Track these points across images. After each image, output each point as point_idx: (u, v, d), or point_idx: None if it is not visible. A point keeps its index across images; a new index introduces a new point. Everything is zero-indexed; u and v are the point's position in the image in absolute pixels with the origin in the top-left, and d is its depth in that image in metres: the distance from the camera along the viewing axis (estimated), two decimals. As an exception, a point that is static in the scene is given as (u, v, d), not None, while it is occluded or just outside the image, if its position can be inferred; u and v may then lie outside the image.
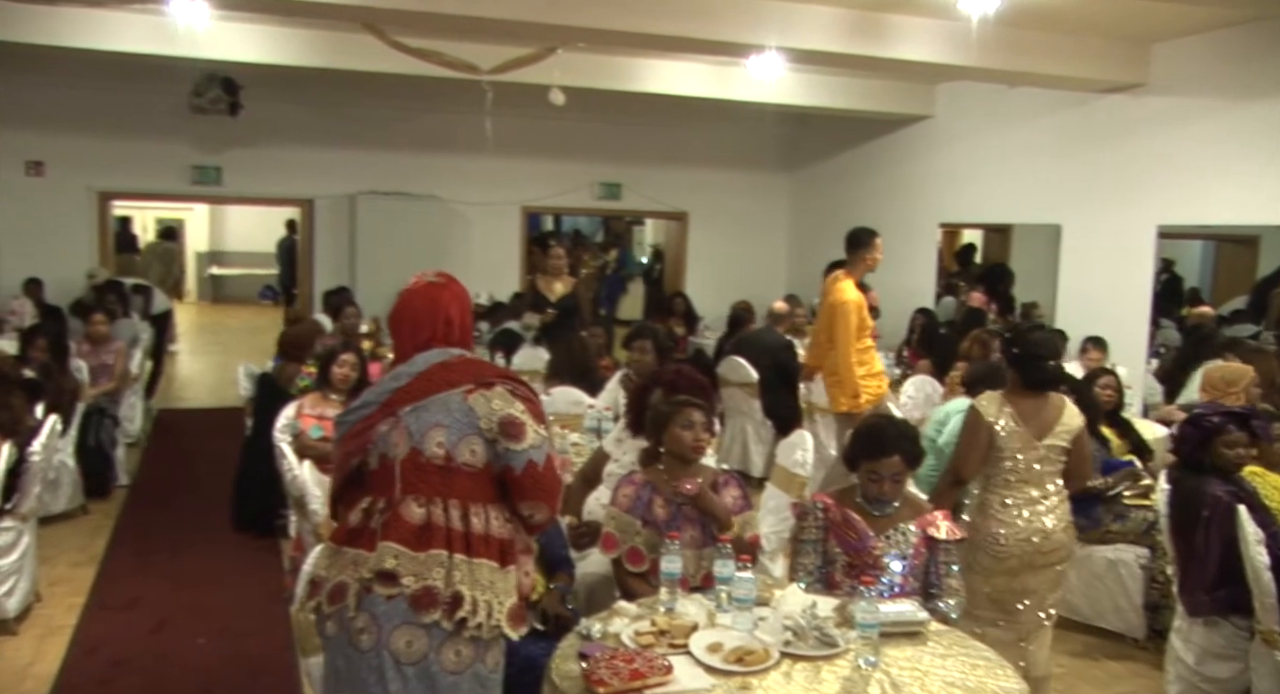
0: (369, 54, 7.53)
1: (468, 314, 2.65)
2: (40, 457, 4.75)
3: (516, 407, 2.45)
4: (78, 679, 4.19)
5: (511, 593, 2.45)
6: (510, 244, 11.44)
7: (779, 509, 4.62)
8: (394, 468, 2.45)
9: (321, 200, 10.73)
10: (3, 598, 4.50)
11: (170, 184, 10.40)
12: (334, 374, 5.26)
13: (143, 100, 9.75)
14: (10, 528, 4.55)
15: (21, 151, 9.71)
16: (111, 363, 7.38)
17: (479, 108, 7.84)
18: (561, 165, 11.31)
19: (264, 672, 4.31)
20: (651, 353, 5.20)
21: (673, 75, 8.90)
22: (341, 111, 10.42)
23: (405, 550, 2.39)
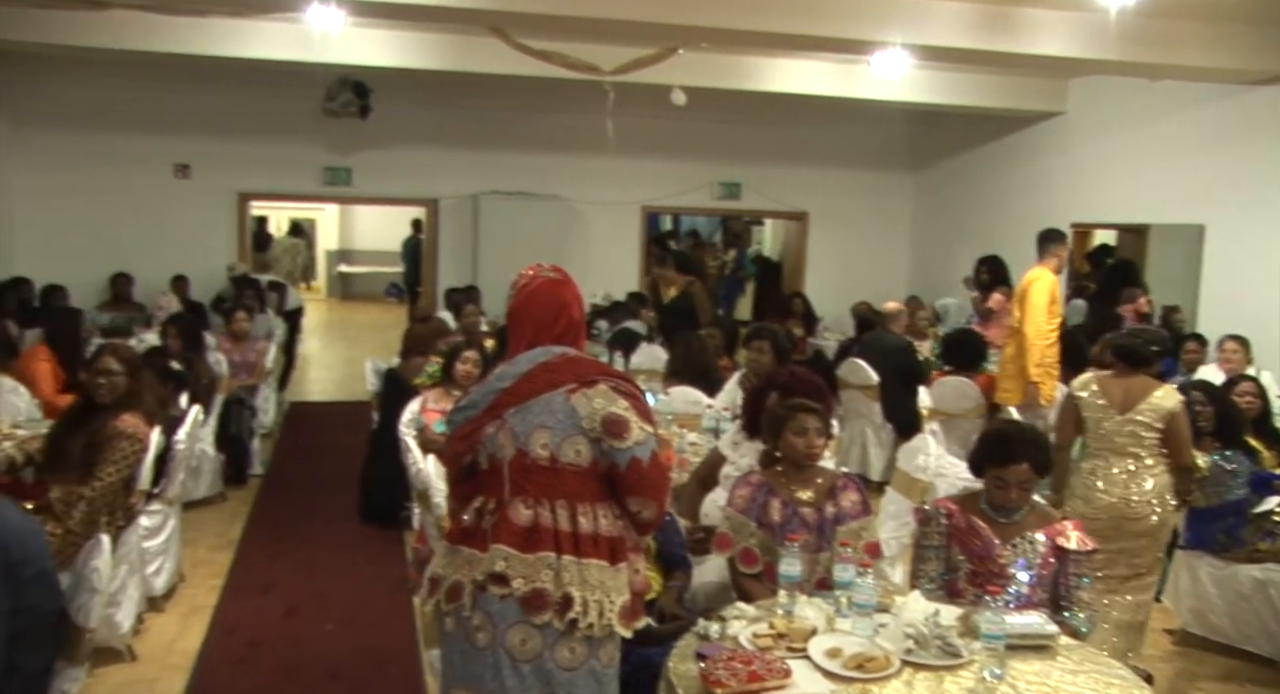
0: (494, 56, 7.68)
1: (583, 311, 2.68)
2: (184, 444, 5.00)
3: (619, 404, 2.44)
4: (217, 658, 4.39)
5: (623, 591, 2.45)
6: (629, 244, 11.51)
7: (899, 514, 4.54)
8: (502, 469, 2.48)
9: (446, 200, 10.98)
10: (151, 577, 4.74)
11: (304, 185, 10.80)
12: (457, 371, 5.38)
13: (279, 105, 10.15)
14: (158, 511, 4.79)
15: (170, 155, 10.21)
16: (253, 359, 7.71)
17: (600, 108, 7.92)
18: (681, 165, 11.33)
19: (389, 660, 4.44)
20: (769, 354, 5.16)
21: (795, 74, 8.82)
22: (466, 113, 10.66)
23: (514, 553, 2.41)
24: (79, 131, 9.85)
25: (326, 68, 8.66)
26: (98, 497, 4.16)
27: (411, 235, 15.01)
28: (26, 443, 4.85)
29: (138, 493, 4.47)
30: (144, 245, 9.99)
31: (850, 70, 8.69)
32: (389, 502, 6.09)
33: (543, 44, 7.21)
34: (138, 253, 9.90)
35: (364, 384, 7.71)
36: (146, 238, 10.04)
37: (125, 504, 4.36)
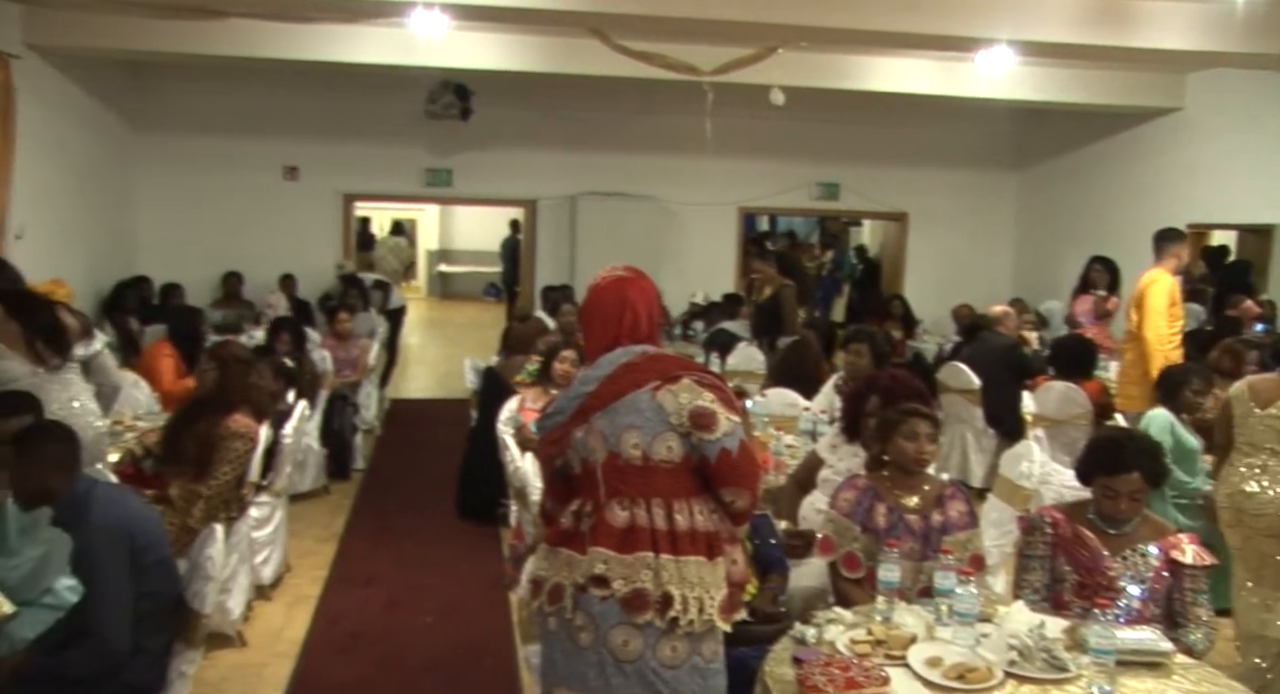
0: (593, 58, 7.73)
1: (656, 308, 2.66)
2: (291, 439, 5.16)
3: (705, 397, 2.44)
4: (321, 647, 4.52)
5: (721, 585, 2.46)
6: (726, 244, 11.47)
7: (1002, 522, 4.43)
8: (596, 472, 2.49)
9: (544, 201, 11.10)
10: (260, 566, 4.90)
11: (406, 186, 11.03)
12: (555, 370, 5.43)
13: (383, 108, 10.38)
14: (267, 503, 4.95)
15: (280, 157, 10.53)
16: (356, 357, 7.92)
17: (698, 109, 7.91)
18: (779, 165, 11.24)
19: (485, 654, 4.51)
20: (868, 357, 5.09)
21: (896, 72, 8.68)
22: (565, 115, 10.75)
23: (613, 554, 2.43)
24: (196, 136, 10.23)
25: (429, 71, 8.84)
26: (214, 495, 4.33)
27: (510, 235, 15.22)
28: (145, 436, 5.07)
29: (248, 485, 4.63)
30: (254, 245, 10.32)
31: (953, 68, 8.51)
32: (486, 498, 6.18)
33: (642, 45, 7.23)
34: (248, 252, 10.23)
35: (463, 382, 7.85)
36: (256, 238, 10.37)
37: (237, 496, 4.52)
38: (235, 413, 4.52)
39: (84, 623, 2.96)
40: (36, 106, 7.19)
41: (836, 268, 14.86)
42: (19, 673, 2.86)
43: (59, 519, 3.05)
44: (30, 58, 7.20)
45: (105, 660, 2.91)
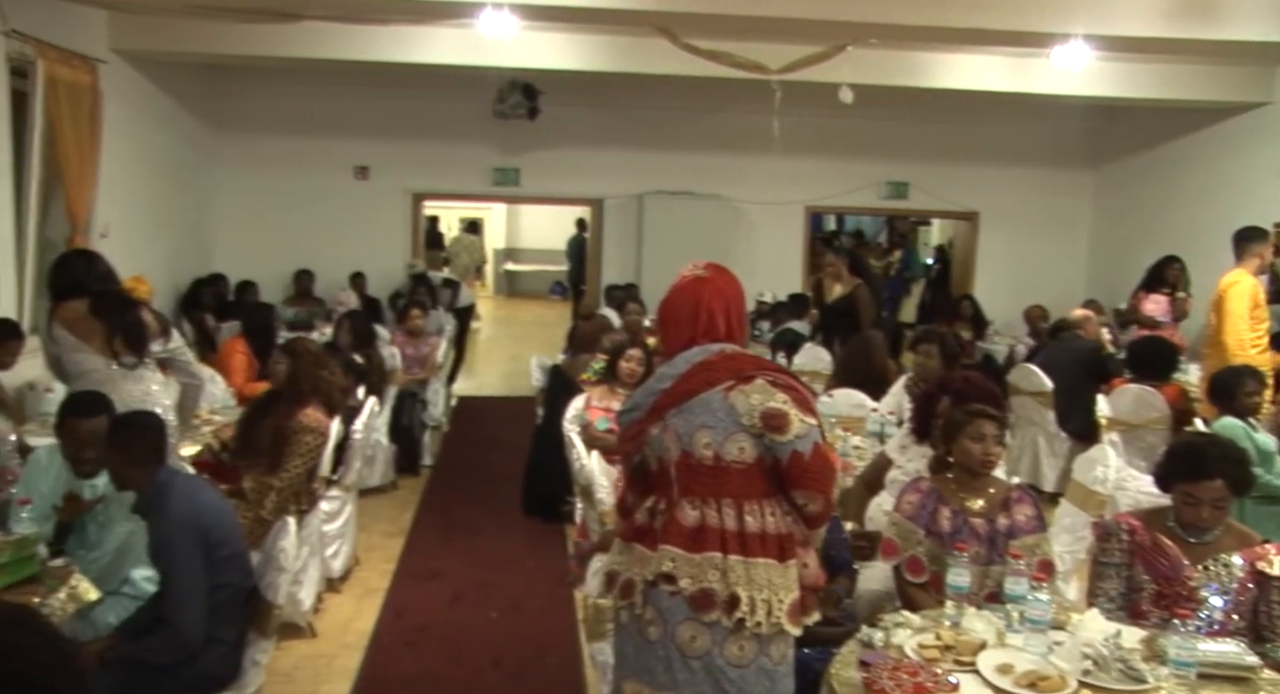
0: (661, 57, 7.72)
1: (735, 306, 2.62)
2: (361, 434, 5.24)
3: (777, 398, 2.42)
4: (388, 638, 4.58)
5: (792, 588, 2.44)
6: (793, 244, 11.39)
7: (1075, 527, 4.33)
8: (670, 470, 2.50)
9: (611, 200, 11.13)
10: (330, 559, 4.99)
11: (474, 185, 11.14)
12: (621, 368, 5.44)
13: (452, 108, 10.49)
14: (337, 497, 5.04)
15: (351, 157, 10.70)
16: (425, 354, 8.02)
17: (766, 107, 7.86)
18: (846, 164, 11.13)
19: (550, 650, 4.53)
20: (938, 358, 5.02)
21: (968, 69, 8.54)
22: (632, 114, 10.77)
23: (681, 553, 2.43)
24: (271, 136, 10.44)
25: (498, 71, 8.91)
26: (285, 487, 4.42)
27: (576, 234, 15.30)
28: (221, 430, 5.20)
29: (319, 479, 4.71)
30: (325, 243, 10.50)
31: (1027, 64, 8.34)
32: (551, 496, 6.21)
33: (710, 44, 7.21)
34: (319, 250, 10.41)
35: (529, 380, 7.90)
36: (327, 236, 10.54)
37: (308, 490, 4.60)
38: (307, 407, 4.60)
39: (161, 612, 3.05)
40: (121, 109, 7.40)
41: (905, 268, 14.66)
42: (104, 657, 2.95)
43: (139, 507, 3.15)
44: (115, 62, 7.41)
45: (181, 648, 2.99)
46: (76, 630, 3.15)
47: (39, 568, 3.10)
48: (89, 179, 6.88)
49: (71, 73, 6.57)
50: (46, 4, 6.30)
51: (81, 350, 4.30)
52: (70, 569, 3.19)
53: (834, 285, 7.77)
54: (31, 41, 6.09)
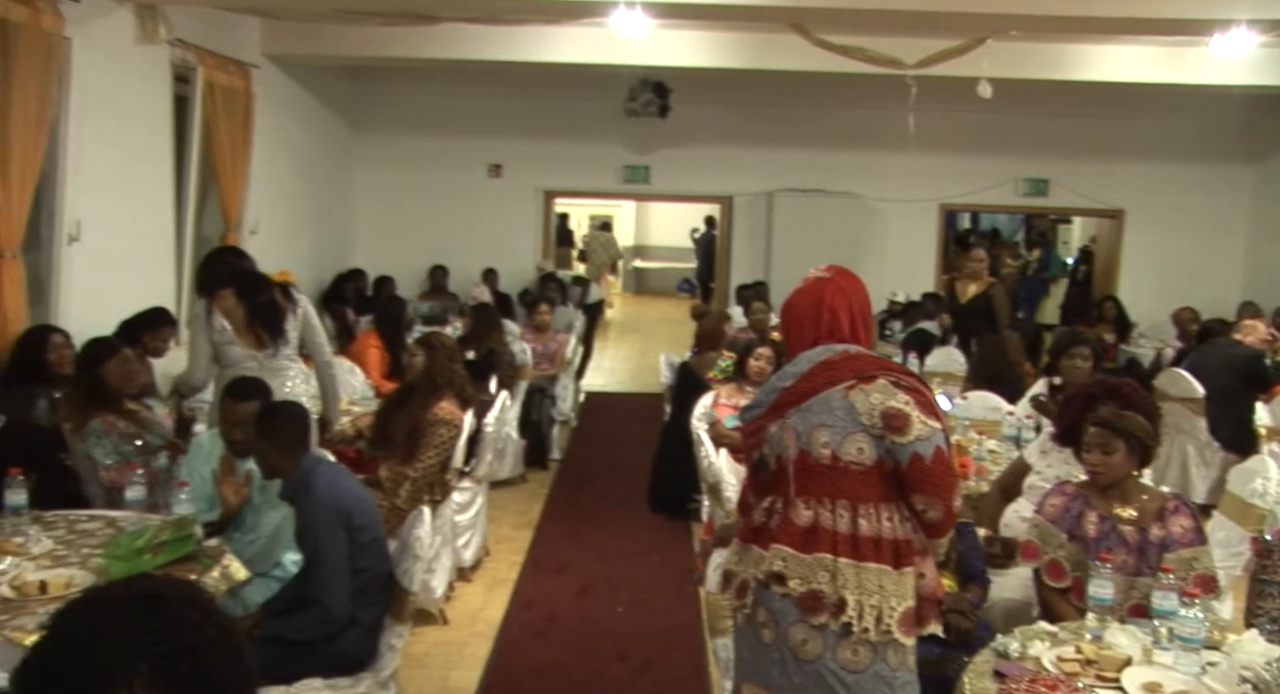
0: (793, 54, 7.64)
1: (860, 307, 2.59)
2: (493, 427, 5.35)
3: (899, 398, 2.37)
4: (517, 628, 4.67)
5: (906, 596, 2.38)
6: (926, 242, 11.12)
7: (1230, 542, 4.10)
8: (788, 468, 2.48)
9: (740, 197, 11.08)
10: (461, 549, 5.11)
11: (604, 183, 11.25)
12: (750, 367, 5.42)
13: (584, 106, 10.61)
14: (469, 488, 5.16)
15: (485, 155, 10.94)
16: (554, 350, 8.14)
17: (900, 103, 7.70)
18: (983, 161, 10.80)
19: (675, 646, 4.54)
20: (1090, 361, 4.84)
21: (1116, 60, 8.17)
22: (763, 111, 10.69)
23: (792, 553, 2.41)
24: (409, 135, 10.76)
25: (629, 69, 8.97)
26: (420, 477, 4.55)
27: (705, 231, 15.29)
28: (359, 420, 5.38)
29: (452, 471, 4.83)
30: (459, 239, 10.76)
31: (1182, 53, 7.94)
32: (678, 492, 6.22)
33: (843, 39, 7.10)
34: (453, 246, 10.67)
35: (656, 376, 7.94)
36: (461, 232, 10.80)
37: (441, 481, 4.73)
38: (442, 400, 4.72)
39: (307, 591, 3.18)
40: (270, 111, 7.75)
41: (1043, 267, 14.19)
42: (251, 633, 3.10)
43: (285, 493, 3.29)
44: (266, 66, 7.76)
45: (327, 626, 3.12)
46: (226, 608, 3.31)
47: (195, 547, 3.27)
48: (241, 178, 7.23)
49: (227, 77, 6.91)
50: (206, 13, 6.64)
51: (235, 343, 4.55)
52: (223, 549, 3.36)
53: (969, 285, 7.56)
54: (193, 49, 6.44)
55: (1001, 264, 12.83)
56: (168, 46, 6.11)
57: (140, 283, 5.89)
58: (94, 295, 5.41)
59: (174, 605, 1.48)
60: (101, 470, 4.09)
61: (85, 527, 3.51)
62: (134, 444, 4.19)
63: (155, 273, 6.28)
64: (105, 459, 4.09)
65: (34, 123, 4.79)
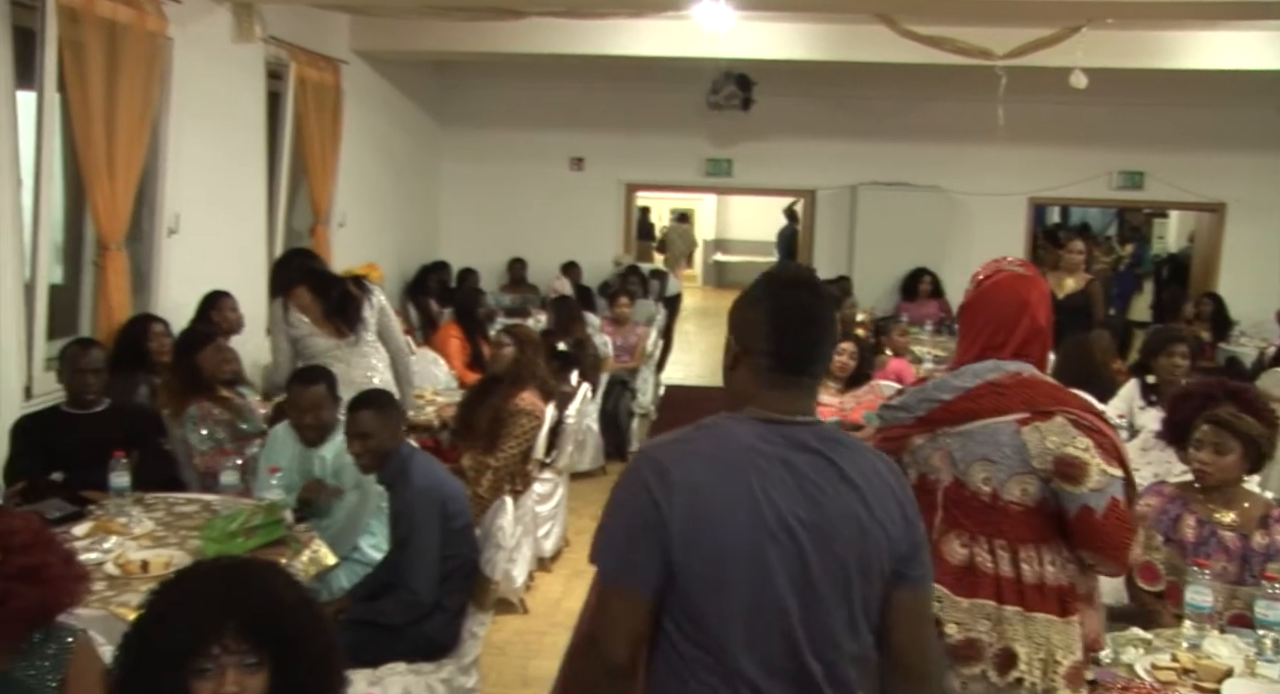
0: (879, 45, 7.52)
1: (1051, 318, 2.33)
2: (574, 419, 5.39)
3: (1078, 443, 2.13)
4: (595, 620, 4.69)
5: (1073, 649, 2.18)
6: (1014, 237, 10.85)
7: (1335, 551, 3.94)
8: (936, 494, 2.28)
9: (823, 191, 10.96)
10: (542, 539, 5.16)
11: (686, 176, 11.22)
12: (832, 362, 5.36)
13: (666, 99, 10.60)
14: (549, 479, 5.21)
15: (567, 148, 10.99)
16: (634, 343, 8.16)
17: (988, 95, 7.52)
18: (1075, 153, 10.50)
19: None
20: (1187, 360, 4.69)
21: (1220, 47, 7.86)
22: (846, 103, 10.55)
23: (948, 594, 2.21)
24: (492, 129, 10.86)
25: (713, 62, 8.93)
26: (501, 467, 4.61)
27: (787, 225, 15.18)
28: (443, 410, 5.46)
29: (533, 462, 4.88)
30: (540, 232, 10.84)
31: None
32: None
33: (931, 30, 6.97)
34: (534, 239, 10.75)
35: (736, 371, 7.88)
36: (543, 225, 10.88)
37: (523, 472, 4.78)
38: (525, 391, 4.77)
39: (394, 576, 3.25)
40: (359, 106, 7.90)
41: (1136, 263, 13.78)
42: (336, 617, 3.18)
43: (383, 479, 3.37)
44: (355, 62, 7.92)
45: (413, 610, 3.18)
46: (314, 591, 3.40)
47: (285, 532, 3.36)
48: (330, 172, 7.39)
49: (318, 73, 7.06)
50: (298, 11, 6.79)
51: (316, 334, 4.67)
52: (312, 535, 3.44)
53: (1065, 279, 7.37)
54: (286, 46, 6.59)
55: (1093, 260, 12.49)
56: (262, 44, 6.27)
57: (234, 273, 6.06)
58: (191, 285, 5.59)
59: (257, 575, 1.69)
60: (196, 456, 4.24)
61: (183, 509, 3.64)
62: (228, 430, 4.33)
63: (248, 264, 6.45)
64: (200, 445, 4.24)
65: (138, 120, 4.96)
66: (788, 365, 1.77)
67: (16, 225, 4.40)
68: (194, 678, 1.61)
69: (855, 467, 1.72)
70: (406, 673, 3.17)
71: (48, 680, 2.06)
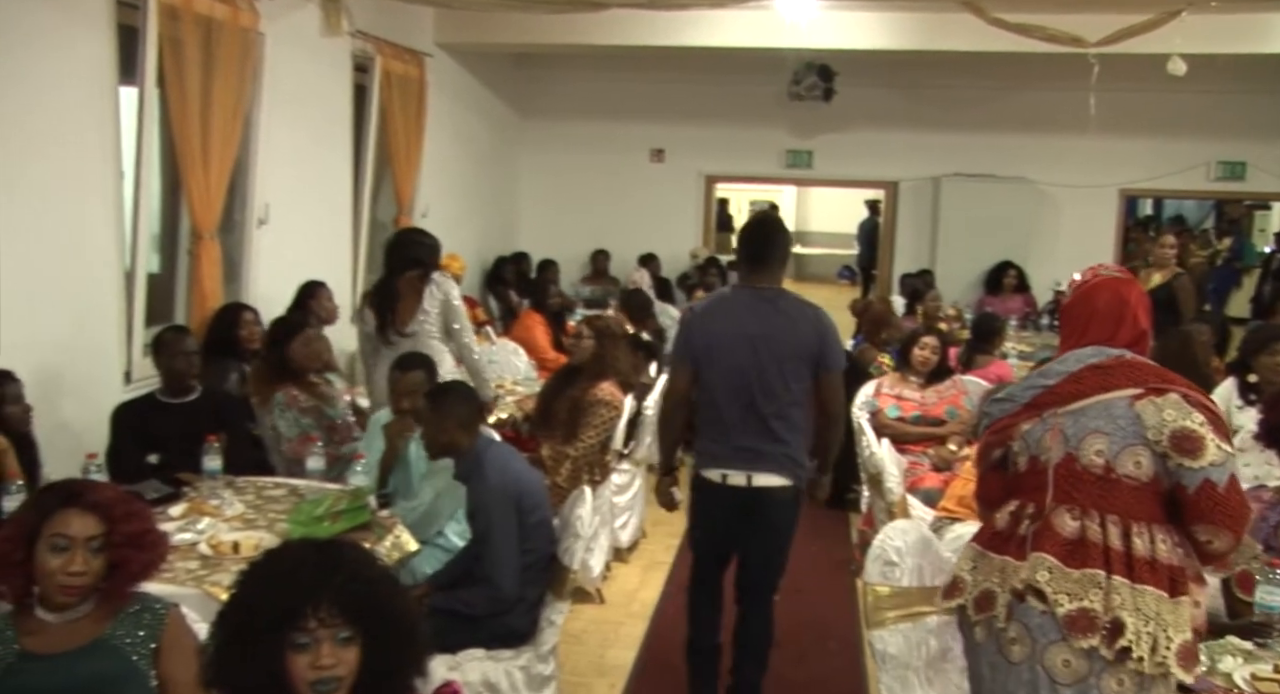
0: (964, 33, 7.38)
1: (1149, 314, 2.44)
2: (653, 410, 5.38)
3: (1194, 418, 2.18)
4: (672, 610, 4.69)
5: (1183, 628, 2.17)
6: (1103, 230, 10.55)
7: None
8: (1046, 473, 2.31)
9: (906, 182, 10.79)
10: (619, 530, 5.18)
11: (766, 167, 11.13)
12: (914, 356, 5.29)
13: (746, 90, 10.52)
14: (627, 470, 5.22)
15: (647, 140, 10.99)
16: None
17: (1078, 83, 7.34)
18: (1170, 143, 10.16)
19: (830, 635, 4.50)
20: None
21: (1327, 32, 7.55)
22: (930, 93, 10.36)
23: (1058, 565, 2.24)
24: (572, 120, 10.92)
25: (794, 52, 8.85)
26: (580, 457, 4.64)
27: (868, 217, 14.98)
28: (523, 402, 5.51)
29: (612, 452, 4.90)
30: (620, 224, 10.86)
31: None
32: (836, 482, 6.11)
33: (1020, 17, 6.80)
34: (614, 230, 10.78)
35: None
36: (622, 217, 10.90)
37: (601, 462, 4.80)
38: (604, 382, 4.79)
39: (477, 568, 3.30)
40: (442, 98, 8.00)
41: (1235, 257, 13.30)
42: (420, 602, 3.23)
43: (459, 474, 3.41)
44: (439, 55, 8.02)
45: (494, 603, 3.22)
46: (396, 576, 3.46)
47: (370, 517, 3.42)
48: (414, 163, 7.50)
49: (403, 66, 7.17)
50: (384, 4, 6.91)
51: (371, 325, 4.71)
52: (395, 520, 3.51)
53: (1152, 274, 7.15)
54: (371, 39, 6.71)
55: (1188, 253, 12.09)
56: (349, 38, 6.39)
57: (321, 263, 6.21)
58: (279, 274, 5.73)
59: (345, 552, 1.77)
60: (284, 442, 4.34)
61: (271, 493, 3.73)
62: (313, 418, 4.43)
63: (334, 253, 6.60)
64: (288, 432, 4.34)
65: (231, 114, 5.09)
66: (748, 258, 3.57)
67: (118, 216, 4.56)
68: (291, 651, 1.65)
69: (788, 308, 3.50)
70: (485, 659, 3.21)
71: (141, 648, 2.21)
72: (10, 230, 4.00)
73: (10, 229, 4.00)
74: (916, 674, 2.89)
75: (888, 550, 2.89)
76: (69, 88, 4.27)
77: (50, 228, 4.21)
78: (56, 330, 4.25)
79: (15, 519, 2.20)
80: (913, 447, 5.06)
